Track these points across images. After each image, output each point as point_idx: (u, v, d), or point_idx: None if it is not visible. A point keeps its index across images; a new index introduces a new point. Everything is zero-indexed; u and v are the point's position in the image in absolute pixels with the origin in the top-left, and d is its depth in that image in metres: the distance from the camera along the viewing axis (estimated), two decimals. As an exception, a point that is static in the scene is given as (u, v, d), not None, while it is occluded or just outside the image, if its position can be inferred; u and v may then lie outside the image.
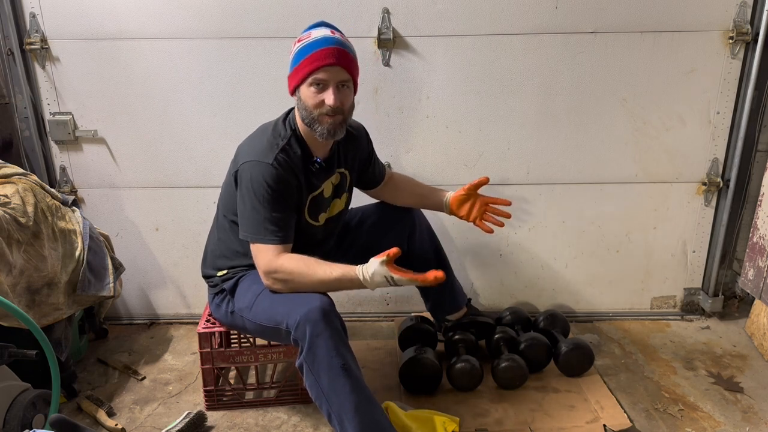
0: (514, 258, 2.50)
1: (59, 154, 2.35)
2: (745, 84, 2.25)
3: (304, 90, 1.64)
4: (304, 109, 1.66)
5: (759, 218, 2.27)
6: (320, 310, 1.53)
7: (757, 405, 1.97)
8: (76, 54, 2.23)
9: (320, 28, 1.65)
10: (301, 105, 1.66)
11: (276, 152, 1.65)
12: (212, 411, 1.94)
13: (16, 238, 1.78)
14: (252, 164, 1.64)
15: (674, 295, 2.57)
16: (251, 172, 1.64)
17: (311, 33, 1.64)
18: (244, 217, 1.67)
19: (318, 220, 1.82)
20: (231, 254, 1.82)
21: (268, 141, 1.68)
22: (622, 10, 2.19)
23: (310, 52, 1.60)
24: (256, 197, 1.63)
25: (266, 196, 1.62)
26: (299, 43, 1.64)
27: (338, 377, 1.52)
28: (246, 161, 1.66)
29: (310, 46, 1.61)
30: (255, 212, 1.64)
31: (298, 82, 1.64)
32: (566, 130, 2.33)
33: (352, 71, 1.65)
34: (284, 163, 1.65)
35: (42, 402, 1.73)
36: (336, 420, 1.54)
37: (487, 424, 1.85)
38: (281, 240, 1.64)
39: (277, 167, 1.63)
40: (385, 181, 2.07)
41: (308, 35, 1.64)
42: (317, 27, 1.66)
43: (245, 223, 1.67)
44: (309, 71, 1.60)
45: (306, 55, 1.61)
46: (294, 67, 1.65)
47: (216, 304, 1.85)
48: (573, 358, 2.07)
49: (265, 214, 1.63)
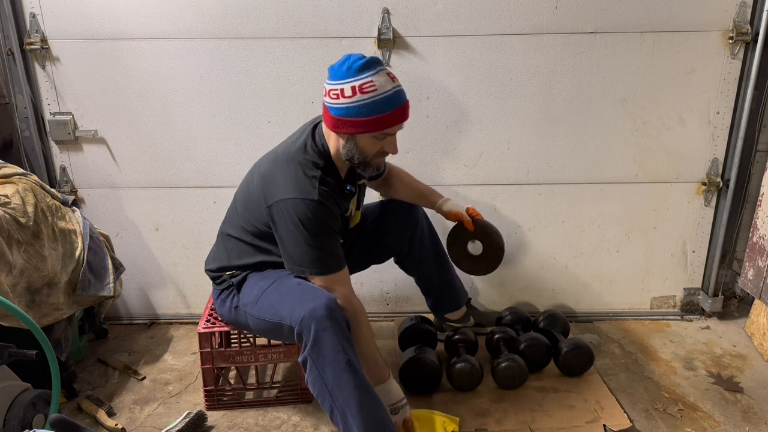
0: (514, 258, 2.50)
1: (59, 154, 2.36)
2: (745, 84, 2.25)
3: (365, 139, 1.63)
4: (358, 153, 1.65)
5: (759, 218, 2.27)
6: (326, 307, 1.54)
7: (757, 405, 1.97)
8: (76, 54, 2.23)
9: (378, 73, 1.58)
10: (355, 149, 1.64)
11: (317, 186, 1.62)
12: (212, 411, 1.94)
13: (16, 238, 1.78)
14: (295, 203, 1.60)
15: (674, 295, 2.57)
16: (296, 211, 1.60)
17: (374, 82, 1.57)
18: (299, 254, 1.64)
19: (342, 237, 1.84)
20: (244, 263, 1.81)
21: (304, 173, 1.63)
22: (622, 10, 2.19)
23: (388, 110, 1.59)
24: (309, 235, 1.61)
25: (320, 230, 1.62)
26: (363, 95, 1.56)
27: (343, 373, 1.52)
28: (285, 198, 1.61)
29: (385, 104, 1.58)
30: (312, 248, 1.62)
31: (363, 132, 1.61)
32: (566, 130, 2.33)
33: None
34: (327, 196, 1.64)
35: (42, 402, 1.73)
36: (339, 416, 1.54)
37: (487, 424, 1.85)
38: (345, 263, 1.68)
39: (323, 202, 1.61)
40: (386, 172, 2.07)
41: (371, 85, 1.56)
42: (370, 69, 1.58)
43: (303, 260, 1.64)
44: (385, 128, 1.61)
45: (384, 112, 1.58)
46: (359, 117, 1.58)
47: (221, 300, 1.85)
48: (573, 358, 2.07)
49: (324, 246, 1.64)
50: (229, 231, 1.83)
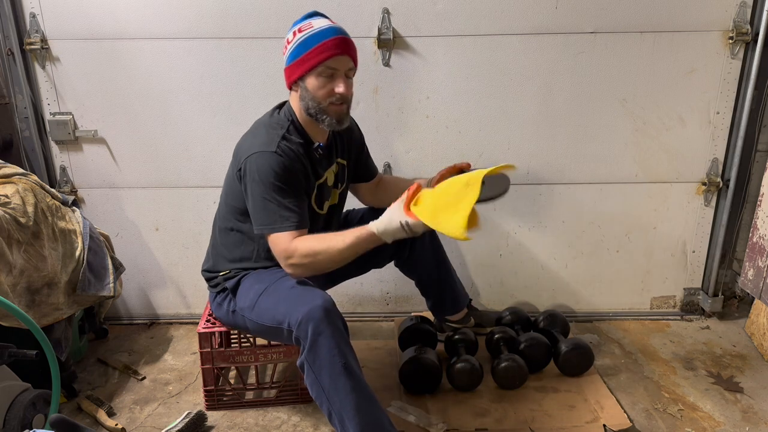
0: (514, 258, 2.50)
1: (59, 154, 2.35)
2: (745, 84, 2.25)
3: (311, 80, 1.63)
4: (311, 99, 1.65)
5: (759, 218, 2.27)
6: (322, 309, 1.53)
7: (757, 405, 1.97)
8: (76, 54, 2.23)
9: (318, 18, 1.65)
10: (307, 95, 1.65)
11: (278, 140, 1.64)
12: (212, 411, 1.94)
13: (16, 238, 1.78)
14: (255, 156, 1.63)
15: (674, 295, 2.57)
16: (256, 164, 1.62)
17: (311, 23, 1.63)
18: (256, 209, 1.64)
19: (323, 209, 1.83)
20: (234, 257, 1.81)
21: (267, 132, 1.68)
22: (622, 10, 2.19)
23: (318, 42, 1.59)
24: (265, 187, 1.61)
25: (276, 184, 1.60)
26: (301, 33, 1.62)
27: (339, 376, 1.52)
28: (249, 155, 1.64)
29: (317, 36, 1.60)
30: (266, 202, 1.61)
31: (305, 71, 1.63)
32: (566, 130, 2.33)
33: (356, 60, 1.68)
34: (288, 150, 1.64)
35: (42, 402, 1.73)
36: (337, 419, 1.54)
37: (487, 424, 1.85)
38: (297, 225, 1.62)
39: (281, 154, 1.62)
40: (376, 181, 2.07)
41: (309, 25, 1.63)
42: (314, 17, 1.66)
43: (258, 216, 1.64)
44: (319, 60, 1.60)
45: (314, 45, 1.60)
46: (298, 58, 1.62)
47: (217, 303, 1.85)
48: (573, 358, 2.07)
49: (277, 202, 1.61)
50: (218, 224, 1.85)
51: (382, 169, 2.34)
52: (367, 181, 2.05)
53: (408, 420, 1.86)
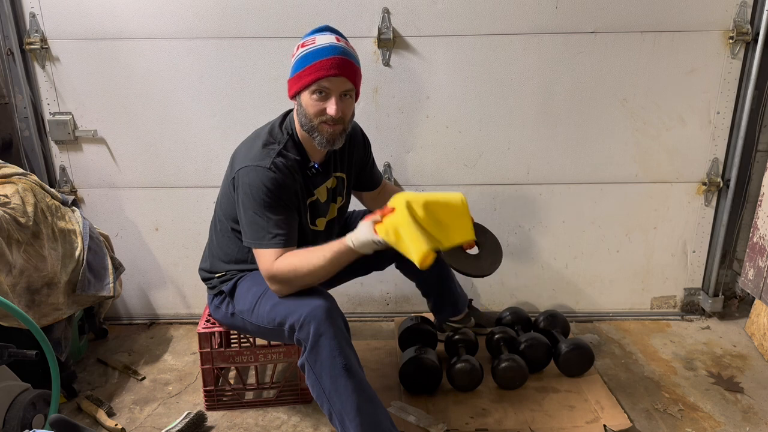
0: (514, 258, 2.50)
1: (59, 154, 2.35)
2: (745, 84, 2.25)
3: (305, 97, 1.62)
4: (304, 115, 1.64)
5: (759, 218, 2.27)
6: (323, 310, 1.53)
7: (757, 405, 1.97)
8: (76, 54, 2.23)
9: (325, 34, 1.62)
10: (301, 111, 1.64)
11: (273, 156, 1.63)
12: (212, 411, 1.94)
13: (16, 238, 1.78)
14: (249, 169, 1.62)
15: (674, 295, 2.57)
16: (249, 178, 1.61)
17: (315, 39, 1.60)
18: (245, 223, 1.64)
19: (316, 225, 1.81)
20: (230, 258, 1.81)
21: (264, 145, 1.66)
22: (622, 10, 2.19)
23: (315, 60, 1.57)
24: (255, 202, 1.60)
25: (266, 200, 1.60)
26: (303, 48, 1.61)
27: (340, 377, 1.52)
28: (242, 167, 1.63)
29: (316, 54, 1.58)
30: (256, 217, 1.61)
31: (300, 88, 1.61)
32: (566, 131, 2.33)
33: (355, 81, 1.63)
34: (282, 167, 1.63)
35: (42, 402, 1.72)
36: (337, 420, 1.54)
37: (487, 424, 1.85)
38: (283, 243, 1.61)
39: (275, 171, 1.61)
40: (379, 190, 2.06)
41: (312, 41, 1.60)
42: (322, 32, 1.63)
43: (247, 230, 1.64)
44: (312, 79, 1.57)
45: (310, 63, 1.58)
46: (297, 73, 1.61)
47: (215, 306, 1.85)
48: (573, 358, 2.07)
49: (266, 218, 1.60)
50: (215, 225, 1.85)
51: (382, 169, 2.34)
52: (369, 190, 2.04)
53: (408, 420, 1.86)
